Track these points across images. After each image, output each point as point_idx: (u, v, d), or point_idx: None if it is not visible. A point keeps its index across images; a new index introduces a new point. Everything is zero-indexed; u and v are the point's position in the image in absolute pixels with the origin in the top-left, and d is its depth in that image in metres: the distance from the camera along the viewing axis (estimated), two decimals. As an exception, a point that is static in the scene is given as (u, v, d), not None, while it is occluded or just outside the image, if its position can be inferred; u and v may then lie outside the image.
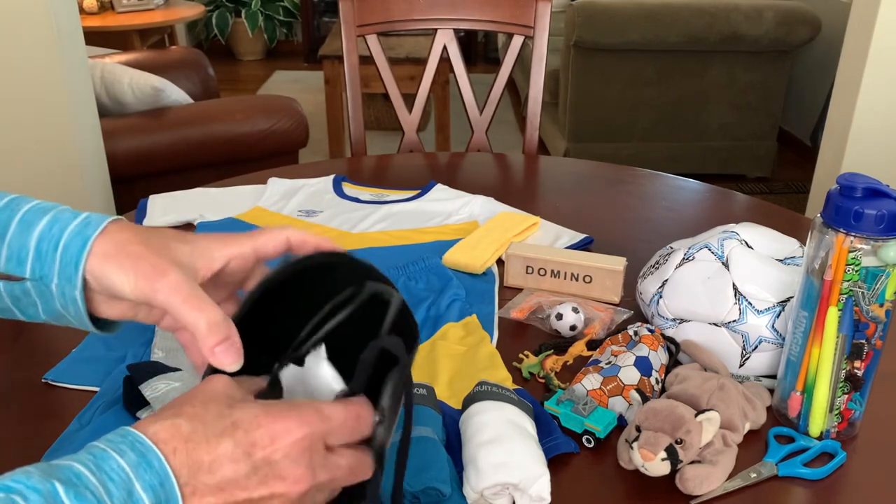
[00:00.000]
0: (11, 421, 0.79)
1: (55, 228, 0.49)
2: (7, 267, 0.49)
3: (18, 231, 0.49)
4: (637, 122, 3.44)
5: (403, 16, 1.61)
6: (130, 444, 0.42)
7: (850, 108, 2.13)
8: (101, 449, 0.41)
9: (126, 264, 0.48)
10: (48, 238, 0.49)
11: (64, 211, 0.51)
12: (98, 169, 2.08)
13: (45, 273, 0.49)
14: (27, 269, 0.49)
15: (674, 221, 1.25)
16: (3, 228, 0.49)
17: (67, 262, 0.48)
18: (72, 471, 0.40)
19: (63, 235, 0.49)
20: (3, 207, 0.50)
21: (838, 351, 0.73)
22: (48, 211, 0.50)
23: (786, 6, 3.20)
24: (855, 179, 0.70)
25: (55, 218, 0.50)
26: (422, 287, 1.01)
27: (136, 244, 0.49)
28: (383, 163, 1.50)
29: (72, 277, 0.48)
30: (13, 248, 0.49)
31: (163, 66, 2.82)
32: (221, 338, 0.48)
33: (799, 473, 0.73)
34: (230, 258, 0.53)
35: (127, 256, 0.48)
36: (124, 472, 0.41)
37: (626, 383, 0.79)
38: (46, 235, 0.49)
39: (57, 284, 0.49)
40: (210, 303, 0.49)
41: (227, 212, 1.23)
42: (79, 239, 0.49)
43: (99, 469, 0.40)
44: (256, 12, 5.62)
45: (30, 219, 0.49)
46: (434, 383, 0.83)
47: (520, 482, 0.66)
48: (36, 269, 0.49)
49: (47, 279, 0.49)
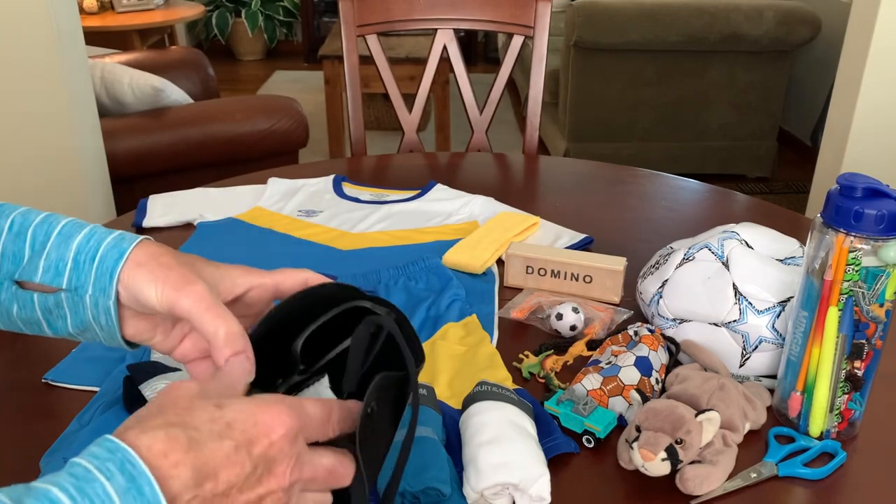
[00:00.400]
0: (11, 421, 0.79)
1: (92, 241, 0.51)
2: (44, 278, 0.50)
3: (57, 243, 0.51)
4: (637, 122, 3.44)
5: (403, 16, 1.61)
6: (120, 465, 0.39)
7: (851, 108, 2.13)
8: (85, 468, 0.38)
9: (156, 273, 0.50)
10: (86, 250, 0.51)
11: (99, 227, 0.53)
12: (98, 169, 2.08)
13: (81, 283, 0.50)
14: (64, 280, 0.50)
15: (674, 221, 1.25)
16: (42, 243, 0.51)
17: (103, 273, 0.50)
18: (47, 497, 0.36)
19: (100, 247, 0.51)
20: (40, 223, 0.52)
21: (838, 351, 0.73)
22: (85, 225, 0.52)
23: (786, 6, 3.20)
24: (855, 179, 0.70)
25: (92, 231, 0.52)
26: (422, 287, 1.01)
27: (166, 256, 0.51)
28: (383, 163, 1.50)
29: (106, 288, 0.50)
30: (51, 259, 0.50)
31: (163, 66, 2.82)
32: (238, 349, 0.49)
33: (799, 473, 0.73)
34: (251, 287, 0.55)
35: (158, 266, 0.51)
36: (111, 499, 0.37)
37: (626, 383, 0.79)
38: (84, 248, 0.51)
39: (91, 295, 0.50)
40: (231, 316, 0.50)
41: (227, 212, 1.23)
42: (115, 251, 0.51)
43: (81, 493, 0.37)
44: (256, 12, 5.62)
45: (69, 231, 0.51)
46: (434, 383, 0.83)
47: (520, 482, 0.66)
48: (72, 280, 0.50)
49: (82, 290, 0.50)
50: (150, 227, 1.19)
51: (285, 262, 1.09)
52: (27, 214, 0.53)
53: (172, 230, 1.19)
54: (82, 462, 0.39)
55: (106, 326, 0.52)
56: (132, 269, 0.50)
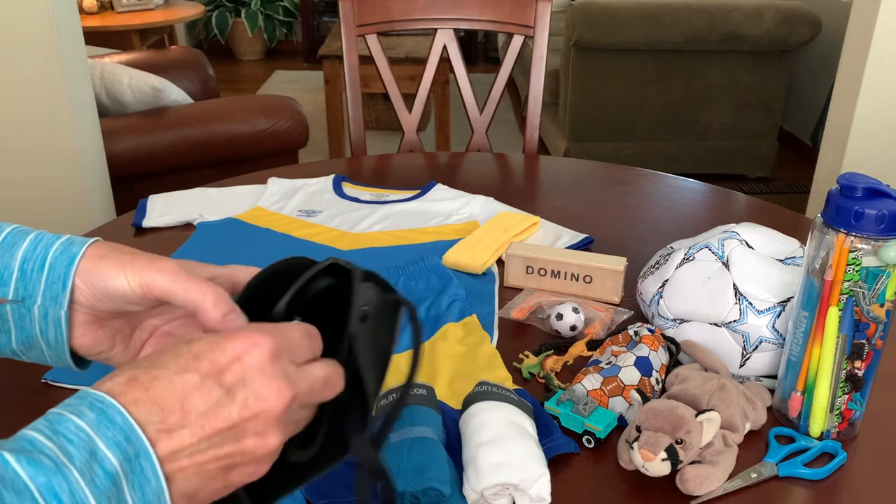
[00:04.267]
0: (11, 421, 0.79)
1: (39, 248, 0.49)
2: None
3: (1, 253, 0.48)
4: (637, 122, 3.44)
5: (403, 16, 1.61)
6: (89, 404, 0.39)
7: (851, 108, 2.13)
8: (56, 413, 0.39)
9: (123, 259, 0.48)
10: (32, 258, 0.48)
11: (45, 233, 0.50)
12: (98, 169, 2.08)
13: (29, 293, 0.48)
14: (10, 290, 0.48)
15: (674, 221, 1.25)
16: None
17: (55, 280, 0.48)
18: (25, 439, 0.38)
19: (48, 254, 0.48)
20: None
21: (839, 351, 0.73)
22: (30, 232, 0.50)
23: (786, 6, 3.20)
24: (855, 179, 0.70)
25: (38, 238, 0.49)
26: (422, 287, 1.01)
27: (127, 249, 0.50)
28: (383, 163, 1.50)
29: (58, 295, 0.48)
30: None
31: (163, 66, 2.82)
32: (228, 308, 0.48)
33: (799, 474, 0.73)
34: (213, 276, 0.53)
35: (122, 254, 0.49)
36: (84, 432, 0.38)
37: (626, 383, 0.79)
38: (31, 255, 0.48)
39: (40, 305, 0.48)
40: (210, 282, 0.48)
41: (227, 212, 1.23)
42: (65, 256, 0.48)
43: (55, 433, 0.38)
44: (256, 12, 5.62)
45: (12, 240, 0.49)
46: (434, 383, 0.83)
47: (520, 482, 0.66)
48: (19, 290, 0.48)
49: (30, 301, 0.48)
50: (150, 227, 1.19)
51: (285, 262, 1.09)
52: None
53: (172, 230, 1.19)
54: (55, 409, 0.40)
55: (54, 342, 0.50)
56: (94, 262, 0.48)
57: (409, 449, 0.67)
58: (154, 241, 1.17)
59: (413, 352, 0.51)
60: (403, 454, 0.66)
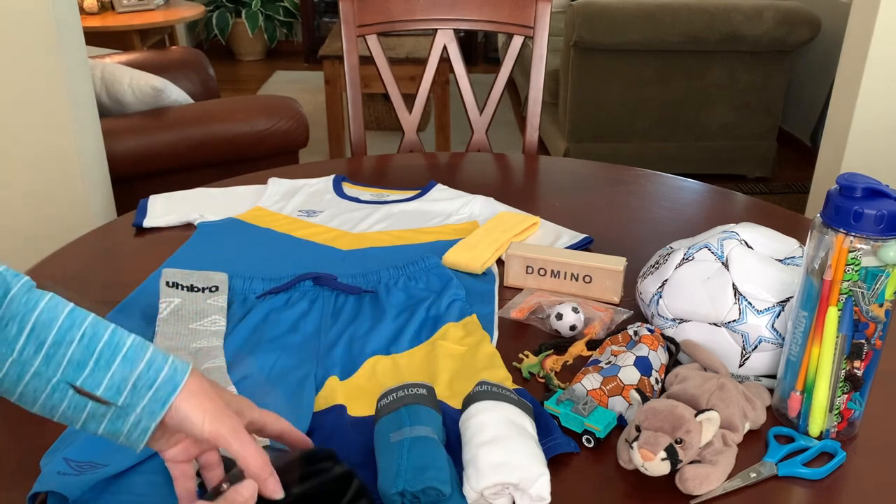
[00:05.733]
0: (11, 421, 0.79)
1: (152, 371, 0.59)
2: (105, 393, 0.58)
3: (122, 365, 0.59)
4: (637, 122, 3.44)
5: (403, 16, 1.61)
6: None
7: (850, 108, 2.13)
8: None
9: (206, 406, 0.59)
10: (146, 377, 0.59)
11: (157, 352, 0.61)
12: (98, 169, 2.08)
13: (133, 404, 0.58)
14: (121, 398, 0.58)
15: (674, 221, 1.25)
16: (108, 360, 0.59)
17: (157, 400, 0.58)
18: None
19: (158, 378, 0.59)
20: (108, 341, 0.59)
21: (838, 351, 0.73)
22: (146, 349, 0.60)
23: (786, 6, 3.20)
24: (855, 179, 0.70)
25: (152, 359, 0.60)
26: (422, 287, 1.01)
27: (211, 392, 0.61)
28: (383, 163, 1.50)
29: (156, 412, 0.58)
30: (115, 379, 0.58)
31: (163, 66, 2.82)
32: (270, 472, 0.59)
33: (799, 473, 0.73)
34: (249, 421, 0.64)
35: (209, 399, 0.60)
36: None
37: (625, 383, 0.80)
38: (145, 375, 0.59)
39: (137, 414, 0.58)
40: (258, 446, 0.60)
41: (228, 212, 1.23)
42: (170, 384, 0.59)
43: None
44: (256, 12, 5.62)
45: (133, 355, 0.59)
46: (434, 383, 0.84)
47: (520, 482, 0.66)
48: (127, 399, 0.58)
49: (131, 409, 0.58)
50: (150, 227, 1.20)
51: (285, 262, 1.09)
52: (97, 327, 0.60)
53: (172, 230, 1.19)
54: None
55: (134, 439, 0.59)
56: (186, 397, 0.59)
57: (409, 449, 0.67)
58: (154, 241, 1.17)
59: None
60: (403, 454, 0.66)
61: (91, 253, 1.14)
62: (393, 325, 0.93)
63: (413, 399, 0.73)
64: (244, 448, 0.59)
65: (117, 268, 1.10)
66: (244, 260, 1.10)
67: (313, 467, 0.63)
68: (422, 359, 0.88)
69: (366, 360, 0.88)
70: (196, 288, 0.96)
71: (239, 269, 1.04)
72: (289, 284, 0.99)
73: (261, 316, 0.95)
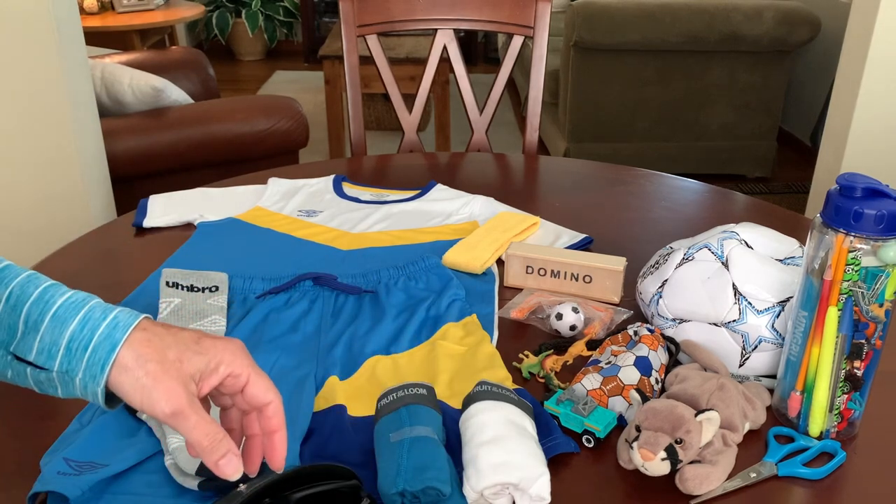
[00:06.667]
0: (11, 421, 0.79)
1: (86, 329, 0.53)
2: (37, 359, 0.53)
3: (51, 326, 0.53)
4: (637, 122, 3.44)
5: (403, 16, 1.61)
6: None
7: (850, 108, 2.13)
8: None
9: (143, 381, 0.53)
10: (79, 339, 0.53)
11: (95, 307, 0.54)
12: (98, 169, 2.08)
13: (72, 368, 0.53)
14: (56, 363, 0.53)
15: (674, 221, 1.25)
16: (36, 322, 0.53)
17: (94, 364, 0.53)
18: None
19: (93, 337, 0.53)
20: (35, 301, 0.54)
21: (838, 351, 0.73)
22: (81, 307, 0.54)
23: (786, 6, 3.20)
24: (854, 179, 0.70)
25: (87, 316, 0.54)
26: (422, 287, 1.01)
27: (153, 362, 0.53)
28: (383, 163, 1.50)
29: (96, 377, 0.53)
30: (45, 342, 0.53)
31: (163, 66, 2.82)
32: (222, 453, 0.54)
33: (799, 473, 0.73)
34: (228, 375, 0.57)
35: (145, 373, 0.53)
36: None
37: (625, 383, 0.80)
38: (77, 336, 0.53)
39: (81, 379, 0.53)
40: (210, 421, 0.54)
41: (227, 212, 1.23)
42: (107, 343, 0.53)
43: None
44: (256, 12, 5.62)
45: (63, 314, 0.54)
46: (434, 383, 0.84)
47: (520, 482, 0.66)
48: (64, 364, 0.53)
49: (73, 373, 0.53)
50: (150, 227, 1.19)
51: (285, 262, 1.09)
52: (26, 286, 0.55)
53: (173, 230, 1.19)
54: None
55: (94, 402, 0.55)
56: (118, 371, 0.53)
57: (409, 449, 0.67)
58: (154, 241, 1.17)
59: None
60: (403, 454, 0.66)
61: (91, 253, 1.14)
62: (393, 325, 0.93)
63: (413, 399, 0.73)
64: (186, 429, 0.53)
65: (117, 268, 1.10)
66: (244, 260, 1.10)
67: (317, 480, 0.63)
68: (422, 359, 0.88)
69: (366, 360, 0.88)
70: (196, 288, 0.96)
71: (239, 269, 1.04)
72: (289, 284, 0.99)
73: (261, 316, 0.95)
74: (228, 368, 0.57)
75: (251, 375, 0.58)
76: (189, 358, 0.55)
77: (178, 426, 0.53)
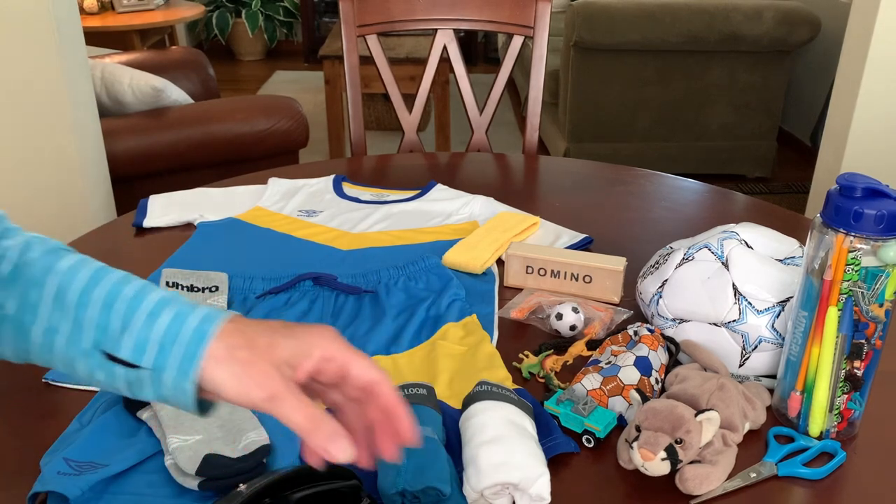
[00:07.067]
0: (11, 421, 0.79)
1: (176, 323, 0.52)
2: (127, 355, 0.52)
3: (144, 322, 0.52)
4: (637, 122, 3.44)
5: (403, 16, 1.61)
6: None
7: (850, 108, 2.13)
8: None
9: (234, 369, 0.51)
10: (170, 332, 0.52)
11: (185, 304, 0.54)
12: (98, 169, 2.08)
13: (163, 363, 0.52)
14: (146, 359, 0.52)
15: (674, 221, 1.25)
16: (129, 318, 0.53)
17: (185, 358, 0.51)
18: None
19: (183, 331, 0.52)
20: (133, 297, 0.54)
21: (838, 351, 0.73)
22: (172, 302, 0.54)
23: (786, 6, 3.20)
24: (854, 179, 0.70)
25: (178, 312, 0.53)
26: (422, 287, 1.01)
27: (244, 349, 0.52)
28: (383, 163, 1.50)
29: (187, 372, 0.51)
30: (137, 338, 0.52)
31: (163, 66, 2.82)
32: (327, 433, 0.51)
33: (799, 473, 0.73)
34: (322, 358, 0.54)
35: (236, 362, 0.51)
36: None
37: (625, 383, 0.80)
38: (169, 330, 0.52)
39: (171, 375, 0.52)
40: (309, 403, 0.51)
41: (228, 212, 1.23)
42: (197, 335, 0.52)
43: None
44: (256, 12, 5.62)
45: (156, 309, 0.53)
46: (434, 383, 0.84)
47: (520, 482, 0.66)
48: (155, 359, 0.52)
49: (163, 369, 0.52)
50: (150, 227, 1.19)
51: (285, 262, 1.09)
52: (120, 285, 0.54)
53: (173, 230, 1.19)
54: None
55: (183, 402, 0.53)
56: (210, 364, 0.51)
57: (409, 449, 0.67)
58: (154, 241, 1.17)
59: None
60: (403, 454, 0.66)
61: (91, 253, 1.12)
62: (393, 325, 0.93)
63: (413, 399, 0.73)
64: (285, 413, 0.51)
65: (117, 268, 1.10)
66: (244, 260, 1.10)
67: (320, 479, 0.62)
68: (422, 359, 0.88)
69: (366, 360, 0.88)
70: (196, 288, 0.96)
71: (239, 269, 1.04)
72: (289, 284, 0.99)
73: (261, 316, 0.95)
74: (322, 351, 0.54)
75: (349, 356, 0.55)
76: (280, 342, 0.53)
77: (275, 411, 0.51)
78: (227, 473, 0.68)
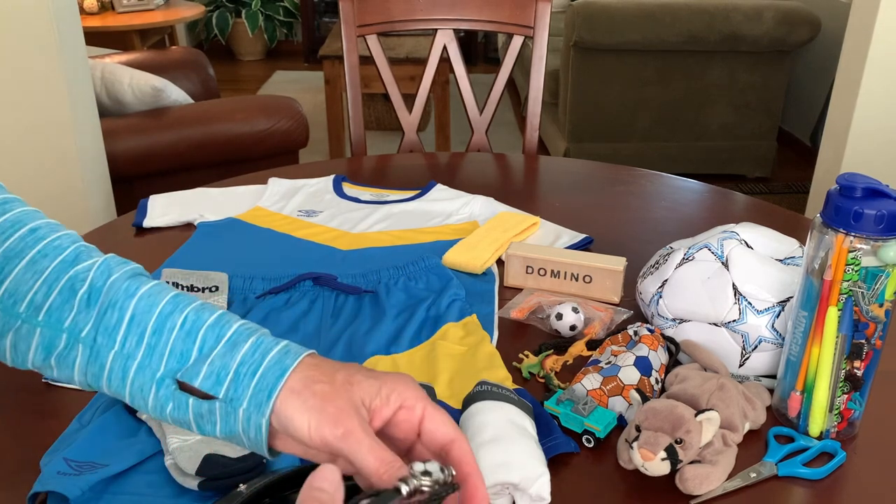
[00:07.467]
0: (11, 421, 0.79)
1: (257, 353, 0.50)
2: (203, 384, 0.50)
3: (223, 351, 0.51)
4: (637, 122, 3.44)
5: (403, 16, 1.61)
6: None
7: (850, 108, 2.13)
8: None
9: (310, 403, 0.48)
10: (249, 362, 0.50)
11: (265, 335, 0.52)
12: (98, 169, 2.08)
13: (237, 396, 0.50)
14: (222, 390, 0.50)
15: (674, 221, 1.25)
16: (210, 347, 0.51)
17: (261, 390, 0.49)
18: None
19: (263, 362, 0.50)
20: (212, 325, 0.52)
21: (838, 351, 0.73)
22: (255, 331, 0.52)
23: (786, 6, 3.20)
24: (854, 179, 0.70)
25: (259, 341, 0.51)
26: (422, 287, 1.01)
27: (322, 383, 0.49)
28: (383, 163, 1.50)
29: (262, 405, 0.49)
30: (215, 367, 0.50)
31: (163, 66, 2.82)
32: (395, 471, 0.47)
33: (799, 473, 0.73)
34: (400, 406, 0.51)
35: (312, 395, 0.49)
36: None
37: (625, 383, 0.80)
38: (248, 360, 0.50)
39: (245, 409, 0.49)
40: (384, 447, 0.48)
41: (227, 212, 1.23)
42: (277, 368, 0.50)
43: None
44: (256, 12, 5.62)
45: (236, 338, 0.51)
46: (434, 383, 0.84)
47: (520, 482, 0.66)
48: (230, 391, 0.50)
49: (237, 402, 0.50)
50: (150, 227, 1.19)
51: (285, 262, 1.09)
52: (201, 312, 0.53)
53: (173, 230, 1.19)
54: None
55: (254, 441, 0.50)
56: (286, 395, 0.49)
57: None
58: (154, 241, 1.17)
59: None
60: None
61: (91, 253, 1.13)
62: (393, 325, 0.93)
63: (413, 399, 0.73)
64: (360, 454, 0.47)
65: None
66: (244, 260, 1.10)
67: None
68: (422, 359, 0.88)
69: (366, 360, 0.88)
70: (196, 288, 0.96)
71: (239, 269, 1.04)
72: (289, 284, 0.99)
73: (261, 316, 0.95)
74: (400, 398, 0.51)
75: (426, 409, 0.51)
76: (359, 381, 0.50)
77: (349, 450, 0.47)
78: (227, 473, 0.68)
